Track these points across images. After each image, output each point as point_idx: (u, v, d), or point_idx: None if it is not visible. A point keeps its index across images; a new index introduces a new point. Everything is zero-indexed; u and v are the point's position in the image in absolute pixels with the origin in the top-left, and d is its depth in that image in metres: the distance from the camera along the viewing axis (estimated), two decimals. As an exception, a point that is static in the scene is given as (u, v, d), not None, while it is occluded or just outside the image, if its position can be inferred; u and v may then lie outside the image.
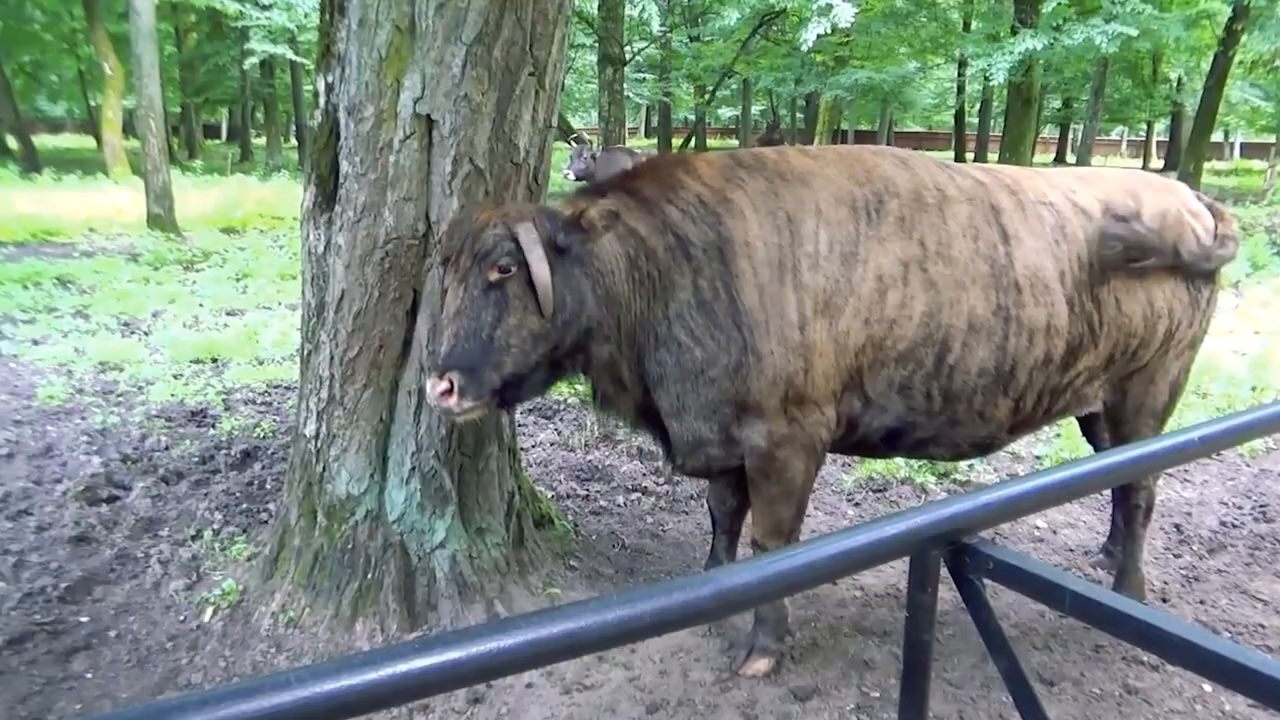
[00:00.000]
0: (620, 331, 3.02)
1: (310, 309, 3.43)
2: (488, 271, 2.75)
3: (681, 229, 3.01)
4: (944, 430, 3.23)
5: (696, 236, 3.00)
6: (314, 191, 3.33)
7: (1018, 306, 3.12)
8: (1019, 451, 5.62)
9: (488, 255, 2.74)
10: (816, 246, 3.01)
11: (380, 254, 3.19)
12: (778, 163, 3.14)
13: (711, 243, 2.99)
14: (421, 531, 3.43)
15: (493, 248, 2.74)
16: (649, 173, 3.16)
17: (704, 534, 4.40)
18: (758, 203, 3.04)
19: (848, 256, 3.02)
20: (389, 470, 3.41)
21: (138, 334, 7.79)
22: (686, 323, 2.99)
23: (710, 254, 2.99)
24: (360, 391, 3.33)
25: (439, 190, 3.17)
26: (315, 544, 3.46)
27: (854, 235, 3.04)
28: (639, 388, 3.14)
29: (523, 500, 3.91)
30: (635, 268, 2.99)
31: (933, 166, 3.27)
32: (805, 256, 2.99)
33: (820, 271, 2.99)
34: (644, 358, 3.08)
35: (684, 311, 2.99)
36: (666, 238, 3.00)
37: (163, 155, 13.00)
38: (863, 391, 3.10)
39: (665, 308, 3.01)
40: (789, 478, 3.11)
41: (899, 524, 1.55)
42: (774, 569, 1.41)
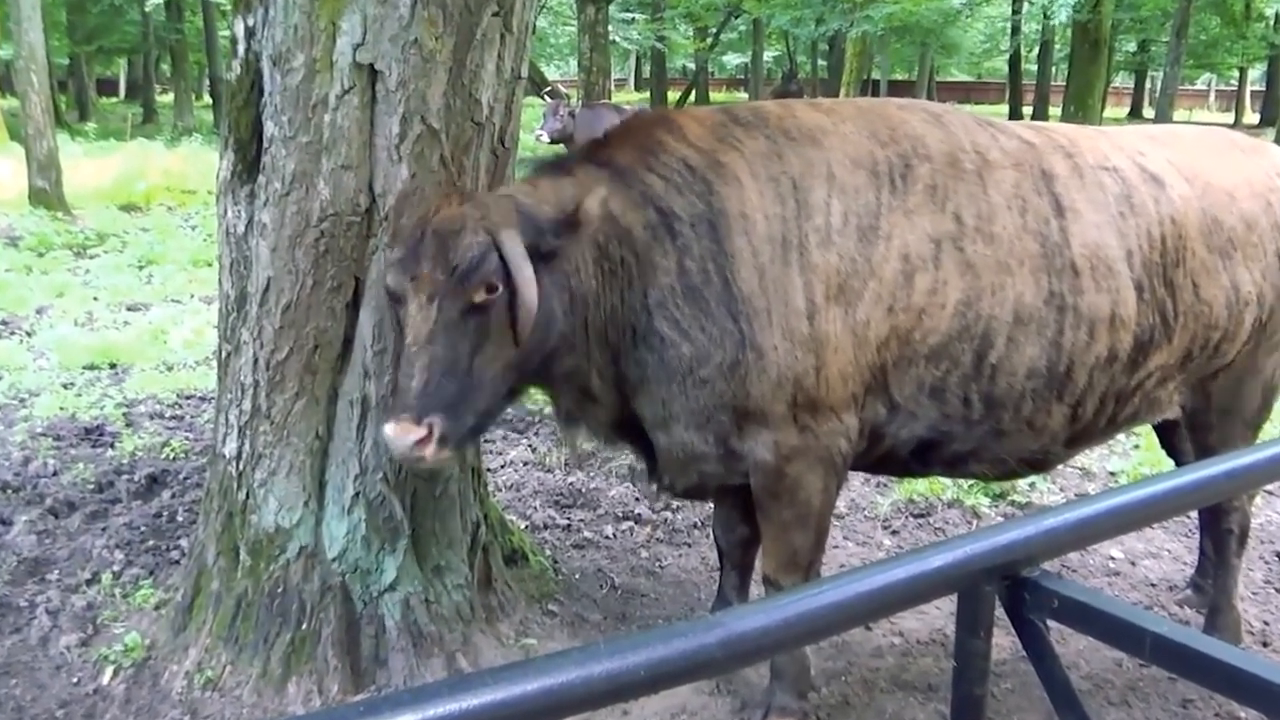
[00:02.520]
0: (588, 334, 3.03)
1: (229, 302, 3.42)
2: (471, 292, 2.73)
3: (664, 201, 3.01)
4: (987, 443, 3.24)
5: (682, 209, 3.01)
6: (232, 159, 3.32)
7: (1074, 293, 3.13)
8: (1089, 466, 5.64)
9: (472, 273, 2.71)
10: (828, 219, 3.02)
11: (314, 234, 3.19)
12: (782, 119, 3.15)
13: (700, 216, 3.00)
14: (367, 571, 3.43)
15: (478, 263, 2.71)
16: (624, 137, 3.16)
17: (710, 570, 4.40)
18: (757, 167, 3.05)
19: (866, 231, 3.03)
20: (327, 497, 3.41)
21: (18, 335, 7.75)
22: (670, 313, 3.00)
23: (699, 229, 3.00)
24: (291, 402, 3.33)
25: (384, 156, 3.16)
26: (238, 588, 3.45)
27: (874, 206, 3.05)
28: (613, 396, 3.15)
29: (490, 532, 3.90)
30: (605, 256, 3.00)
31: (972, 124, 3.28)
32: (814, 231, 3.00)
33: (833, 249, 3.00)
34: (620, 359, 3.08)
35: (667, 299, 3.00)
36: (646, 213, 3.01)
37: (47, 117, 12.96)
38: (888, 395, 3.11)
39: (644, 296, 3.01)
40: (803, 498, 3.12)
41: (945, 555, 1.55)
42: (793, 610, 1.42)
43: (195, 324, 8.06)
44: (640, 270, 3.01)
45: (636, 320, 3.03)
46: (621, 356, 3.07)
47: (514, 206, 2.84)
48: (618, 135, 3.19)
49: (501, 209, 2.81)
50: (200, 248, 11.01)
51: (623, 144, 3.13)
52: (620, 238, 2.99)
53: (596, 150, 3.17)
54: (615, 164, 3.07)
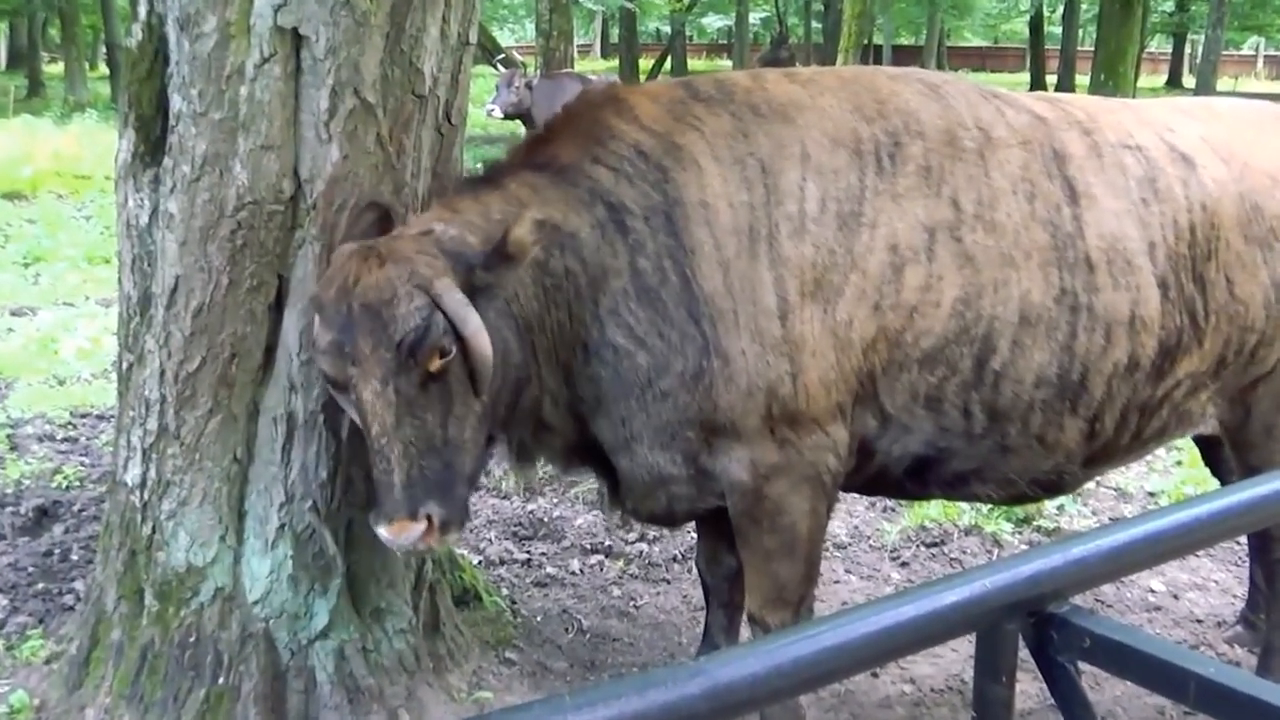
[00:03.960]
0: (537, 359, 3.07)
1: (131, 305, 3.40)
2: (425, 363, 2.75)
3: (614, 195, 3.05)
4: (992, 461, 3.26)
5: (634, 201, 3.03)
6: (133, 139, 3.30)
7: (1089, 291, 3.16)
8: (1125, 486, 5.69)
9: (420, 344, 2.72)
10: (802, 205, 3.04)
11: (229, 225, 3.18)
12: (750, 92, 3.18)
13: (655, 207, 3.03)
14: (295, 616, 3.41)
15: (424, 332, 2.72)
16: (566, 125, 3.20)
17: (693, 610, 4.40)
18: (719, 149, 3.07)
19: (847, 218, 3.05)
20: (247, 530, 3.39)
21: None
22: (624, 319, 3.03)
23: (654, 223, 3.02)
24: (204, 420, 3.31)
25: (312, 135, 3.16)
26: (143, 637, 3.42)
27: (857, 189, 3.07)
28: (569, 422, 3.19)
29: (438, 569, 3.89)
30: (546, 271, 3.02)
31: (975, 96, 3.31)
32: (786, 219, 3.03)
33: (807, 239, 3.02)
34: (573, 380, 3.12)
35: (620, 305, 3.03)
36: (594, 211, 3.04)
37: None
38: (878, 405, 3.14)
39: (594, 305, 3.05)
40: (787, 523, 3.13)
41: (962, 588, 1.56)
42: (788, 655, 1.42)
43: (91, 331, 7.98)
44: (589, 277, 3.04)
45: (587, 333, 3.06)
46: (575, 377, 3.11)
47: (438, 249, 2.84)
48: (560, 124, 3.22)
49: (427, 258, 2.81)
50: (97, 242, 10.91)
51: (565, 135, 3.16)
52: (563, 246, 3.03)
53: (536, 147, 3.20)
54: (557, 163, 3.10)
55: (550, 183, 3.07)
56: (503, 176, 3.12)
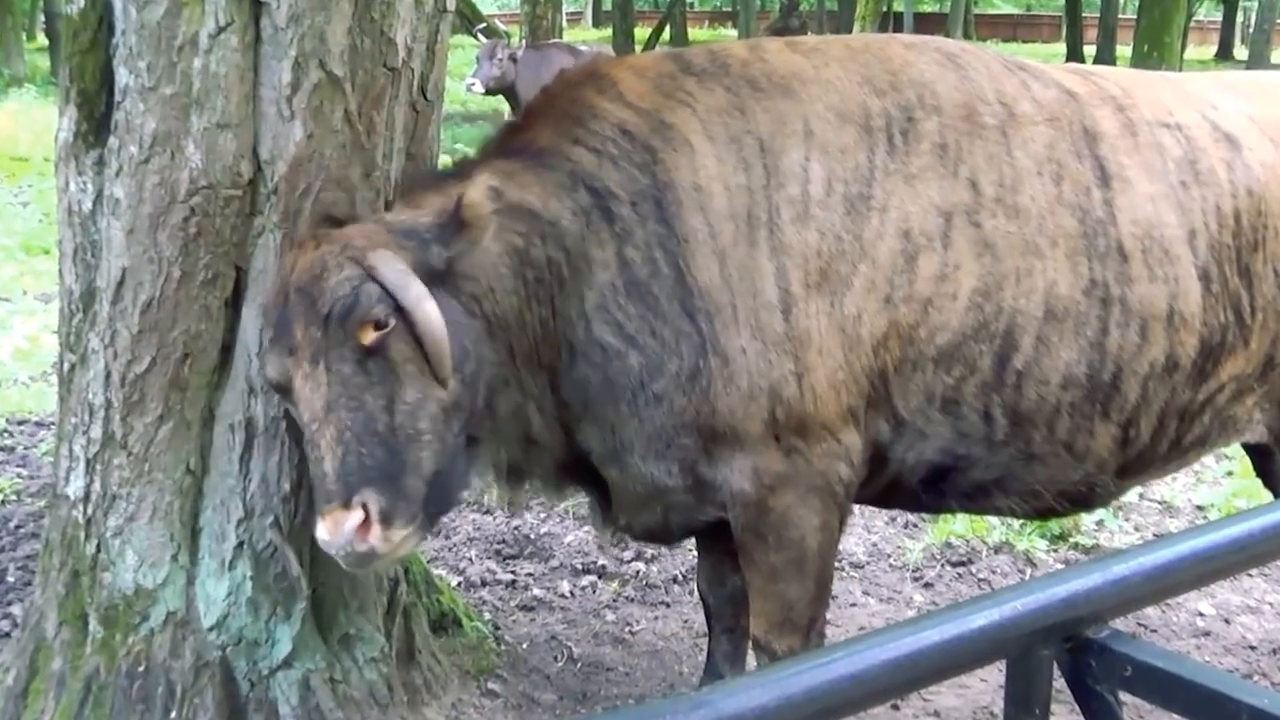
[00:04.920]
0: (516, 363, 3.07)
1: (73, 300, 3.40)
2: (357, 334, 2.76)
3: (597, 179, 3.06)
4: (1015, 470, 3.27)
5: (620, 186, 3.05)
6: (76, 117, 3.30)
7: (1122, 283, 3.16)
8: (1170, 498, 5.70)
9: (349, 312, 2.75)
10: (806, 187, 3.05)
11: (182, 212, 3.17)
12: (747, 64, 3.18)
13: (643, 192, 3.04)
14: (255, 643, 3.41)
15: (352, 299, 2.75)
16: (543, 108, 3.22)
17: (695, 636, 4.41)
18: (713, 126, 3.08)
19: (855, 201, 3.06)
20: (201, 549, 3.39)
21: None
22: (612, 316, 3.04)
23: (642, 209, 3.03)
24: (154, 427, 3.31)
25: (272, 111, 3.16)
26: (87, 667, 3.42)
27: (865, 169, 3.08)
28: (557, 434, 3.19)
29: (413, 591, 3.89)
30: (526, 263, 3.04)
31: (998, 68, 3.32)
32: (788, 203, 3.03)
33: (811, 225, 3.03)
34: (558, 381, 3.13)
35: (607, 300, 3.04)
36: (576, 196, 3.06)
37: None
38: (891, 408, 3.14)
39: (580, 301, 3.06)
40: (794, 538, 3.14)
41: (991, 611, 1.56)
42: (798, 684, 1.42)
43: (29, 329, 8.00)
44: (572, 270, 3.05)
45: (572, 332, 3.07)
46: (560, 379, 3.11)
47: (383, 227, 2.92)
48: (537, 108, 3.25)
49: (366, 232, 2.89)
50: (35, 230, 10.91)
51: (542, 118, 3.18)
52: (544, 235, 3.04)
53: (510, 136, 3.22)
54: (532, 147, 3.11)
55: (525, 167, 3.08)
56: (472, 169, 3.12)
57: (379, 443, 2.76)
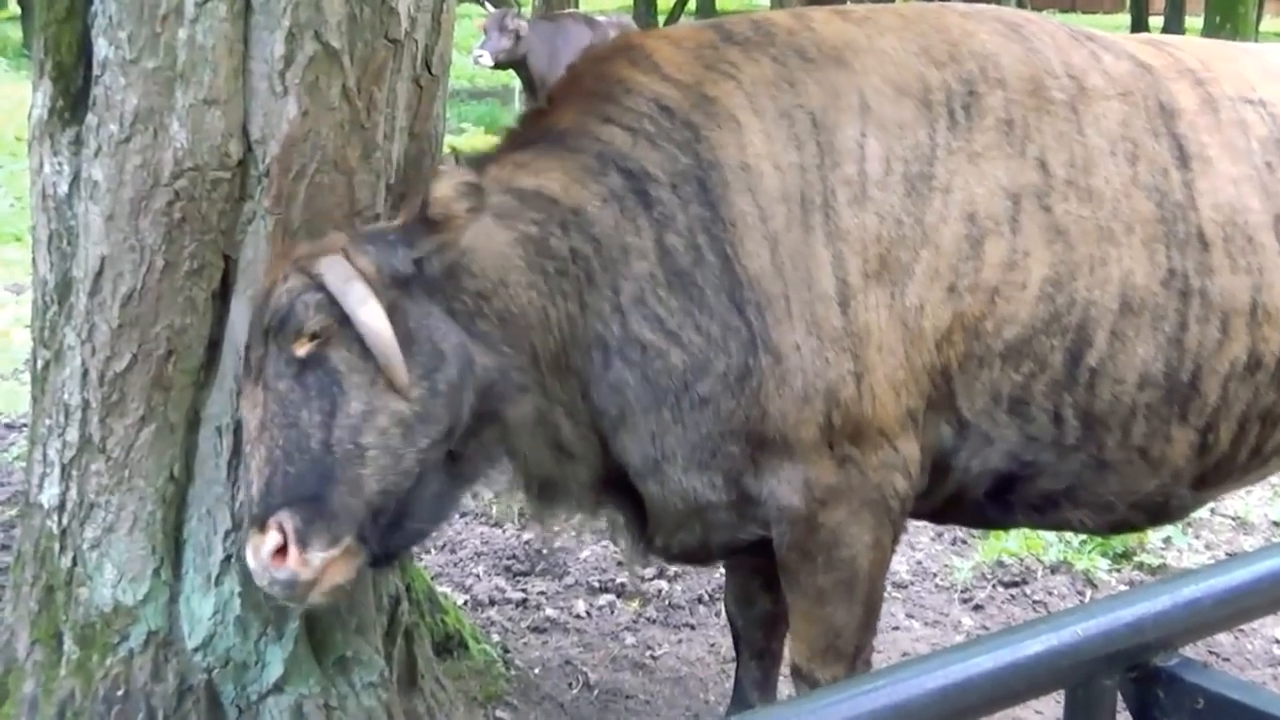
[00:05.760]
0: (541, 365, 3.07)
1: (47, 291, 3.41)
2: (290, 344, 2.82)
3: (632, 160, 3.05)
4: (1085, 479, 3.26)
5: (659, 166, 3.04)
6: (50, 92, 3.31)
7: (1202, 273, 3.15)
8: (1245, 514, 5.66)
9: (284, 323, 2.81)
10: (862, 166, 3.04)
11: (165, 195, 3.18)
12: (794, 34, 3.18)
13: (685, 173, 3.03)
14: (244, 665, 3.42)
15: (287, 310, 2.81)
16: (569, 86, 3.22)
17: (721, 661, 4.41)
18: (761, 100, 3.07)
19: (916, 182, 3.06)
20: (185, 563, 3.40)
21: None
22: (651, 310, 3.03)
23: (684, 192, 3.03)
24: (134, 429, 3.32)
25: (264, 87, 3.16)
26: (61, 690, 3.43)
27: (926, 147, 3.08)
28: (593, 444, 3.18)
29: (416, 610, 3.90)
30: (544, 255, 3.04)
31: (1064, 38, 3.31)
32: (844, 184, 3.03)
33: (869, 207, 3.03)
34: (590, 386, 3.12)
35: (645, 293, 3.03)
36: (605, 180, 3.05)
37: None
38: (954, 410, 3.14)
39: (614, 294, 3.05)
40: (845, 557, 3.14)
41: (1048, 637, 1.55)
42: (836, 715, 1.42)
43: (-1, 322, 8.02)
44: (604, 261, 3.04)
45: (606, 330, 3.06)
46: (593, 383, 3.10)
47: (342, 236, 2.97)
48: (560, 89, 3.26)
49: (323, 243, 2.95)
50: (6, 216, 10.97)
51: (567, 99, 3.18)
52: (564, 223, 3.03)
53: (527, 126, 3.24)
54: (553, 130, 3.12)
55: (543, 152, 3.08)
56: (486, 164, 3.13)
57: (309, 460, 2.79)
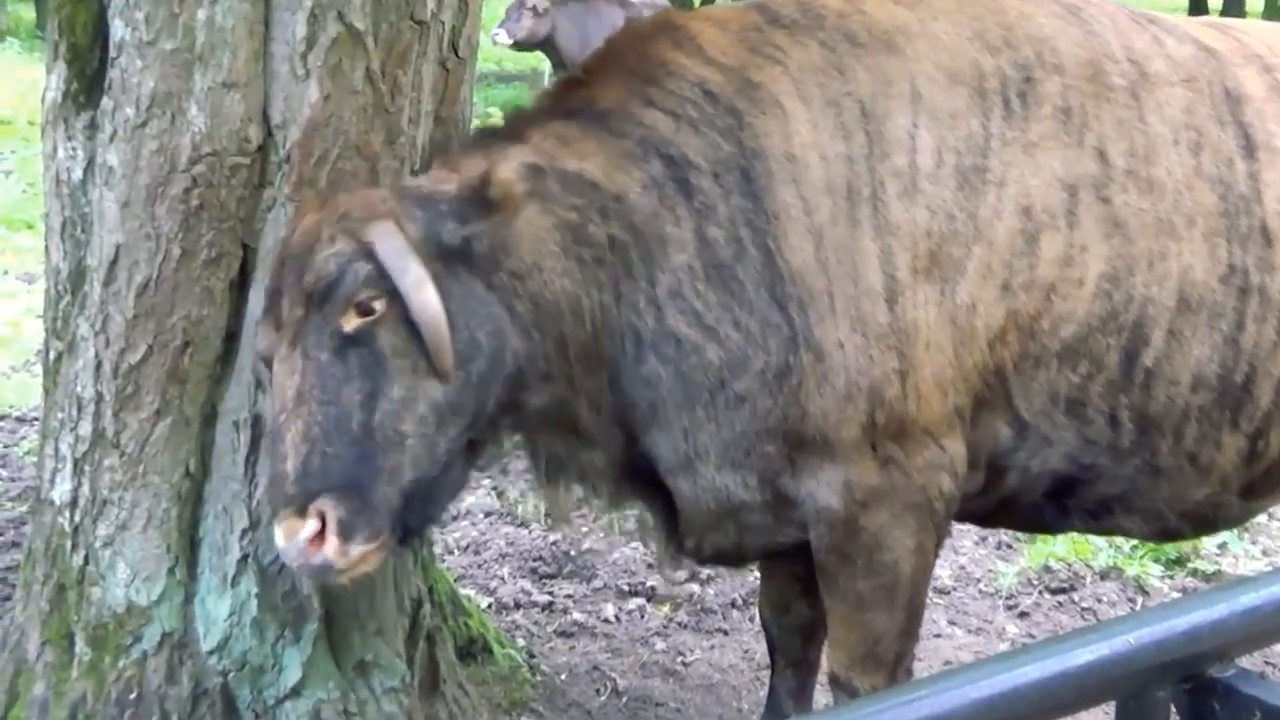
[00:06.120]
0: (567, 355, 3.06)
1: (60, 280, 3.43)
2: (338, 317, 2.79)
3: (673, 146, 3.04)
4: (1139, 484, 3.25)
5: (701, 154, 3.03)
6: (65, 75, 3.33)
7: (1263, 269, 3.13)
8: (1308, 520, 5.62)
9: (331, 291, 2.78)
10: (913, 158, 3.04)
11: (182, 182, 3.19)
12: (844, 16, 3.17)
13: (728, 161, 3.03)
14: (260, 669, 3.43)
15: (337, 278, 2.78)
16: (607, 63, 3.21)
17: (755, 668, 4.41)
18: (808, 87, 3.07)
19: (969, 174, 3.05)
20: (201, 562, 3.41)
21: None
22: (689, 304, 3.02)
23: (726, 181, 3.02)
24: (149, 424, 3.34)
25: (285, 70, 3.17)
26: (73, 692, 3.45)
27: (980, 137, 3.07)
28: (615, 434, 3.18)
29: (438, 613, 3.91)
30: (581, 239, 3.03)
31: (1125, 21, 3.30)
32: (893, 176, 3.02)
33: (920, 201, 3.02)
34: (619, 378, 3.11)
35: (684, 285, 3.03)
36: (646, 167, 3.04)
37: None
38: (1012, 409, 3.13)
39: (650, 286, 3.05)
40: (887, 562, 3.13)
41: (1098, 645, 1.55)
42: (877, 725, 1.42)
43: (10, 312, 8.08)
44: (641, 250, 3.04)
45: (640, 322, 3.06)
46: (623, 375, 3.10)
47: (392, 194, 2.92)
48: (599, 62, 3.23)
49: (370, 201, 2.89)
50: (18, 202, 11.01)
51: (607, 74, 3.16)
52: (604, 210, 3.02)
53: (569, 91, 3.21)
54: (594, 107, 3.10)
55: (586, 131, 3.07)
56: (525, 128, 3.12)
57: (350, 443, 2.77)
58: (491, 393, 2.95)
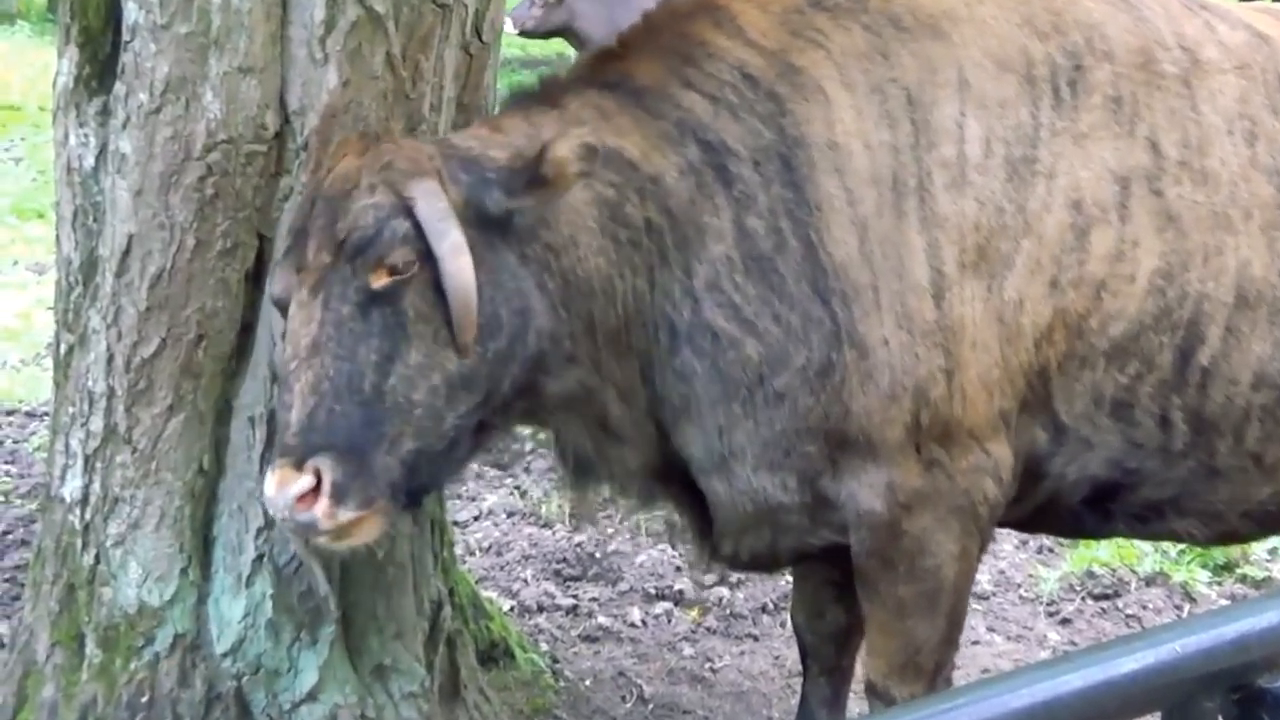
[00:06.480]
0: (595, 339, 3.05)
1: (71, 271, 3.44)
2: (368, 273, 2.78)
3: (712, 131, 3.04)
4: (1195, 487, 3.24)
5: (740, 141, 3.03)
6: (77, 59, 3.34)
7: None
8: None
9: (366, 245, 2.77)
10: (961, 148, 3.03)
11: (197, 170, 3.20)
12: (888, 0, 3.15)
13: (768, 149, 3.02)
14: (275, 672, 3.44)
15: (374, 233, 2.77)
16: (646, 38, 3.19)
17: (787, 675, 4.41)
18: (851, 73, 3.06)
19: (1018, 165, 3.04)
20: (215, 562, 3.43)
21: None
22: (727, 297, 3.02)
23: (767, 170, 3.02)
24: (162, 419, 3.35)
25: (303, 54, 3.18)
26: (83, 695, 3.46)
27: (1029, 127, 3.07)
28: (646, 429, 3.18)
29: (459, 616, 3.92)
30: (619, 220, 3.03)
31: (1176, 6, 3.29)
32: (941, 166, 3.02)
33: (968, 192, 3.01)
34: (652, 371, 3.11)
35: (721, 277, 3.02)
36: (684, 151, 3.04)
37: None
38: (1050, 413, 3.12)
39: (686, 276, 3.04)
40: (929, 567, 3.13)
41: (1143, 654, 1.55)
42: (914, 734, 1.42)
43: (20, 304, 8.11)
44: (678, 238, 3.03)
45: (676, 313, 3.05)
46: (655, 368, 3.10)
47: (438, 151, 2.89)
48: (636, 37, 3.22)
49: (417, 156, 2.86)
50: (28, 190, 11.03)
51: (644, 50, 3.16)
52: (642, 191, 3.02)
53: (603, 64, 3.20)
54: (631, 83, 3.10)
55: (623, 107, 3.06)
56: (563, 94, 3.12)
57: (359, 404, 2.76)
58: (509, 372, 2.94)
